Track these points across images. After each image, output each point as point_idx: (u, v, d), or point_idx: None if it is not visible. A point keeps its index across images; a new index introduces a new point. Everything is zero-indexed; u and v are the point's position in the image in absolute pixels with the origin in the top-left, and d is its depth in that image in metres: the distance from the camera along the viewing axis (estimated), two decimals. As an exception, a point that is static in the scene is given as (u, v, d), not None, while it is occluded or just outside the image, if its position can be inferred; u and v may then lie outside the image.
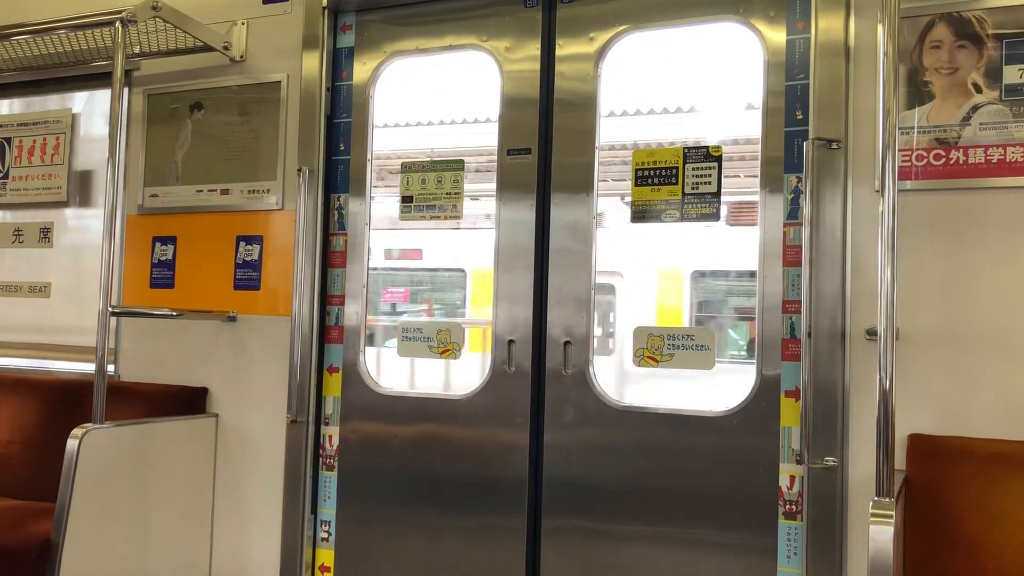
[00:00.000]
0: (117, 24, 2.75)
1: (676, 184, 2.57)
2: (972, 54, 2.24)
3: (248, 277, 3.08)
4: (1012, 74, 2.20)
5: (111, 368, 3.20)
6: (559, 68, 2.76)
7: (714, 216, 2.54)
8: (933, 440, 2.18)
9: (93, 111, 3.54)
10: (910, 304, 2.22)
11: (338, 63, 3.06)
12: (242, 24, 3.15)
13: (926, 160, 2.27)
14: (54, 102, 3.64)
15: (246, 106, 3.13)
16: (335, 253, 3.02)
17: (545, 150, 2.75)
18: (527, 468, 2.69)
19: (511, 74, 2.81)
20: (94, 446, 2.59)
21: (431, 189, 2.91)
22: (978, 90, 2.23)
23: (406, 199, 2.95)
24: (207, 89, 3.20)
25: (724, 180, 2.51)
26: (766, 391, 2.44)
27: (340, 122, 3.04)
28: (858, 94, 2.34)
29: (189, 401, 3.05)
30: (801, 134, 2.42)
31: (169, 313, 2.97)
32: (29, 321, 3.60)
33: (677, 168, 2.58)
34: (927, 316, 2.23)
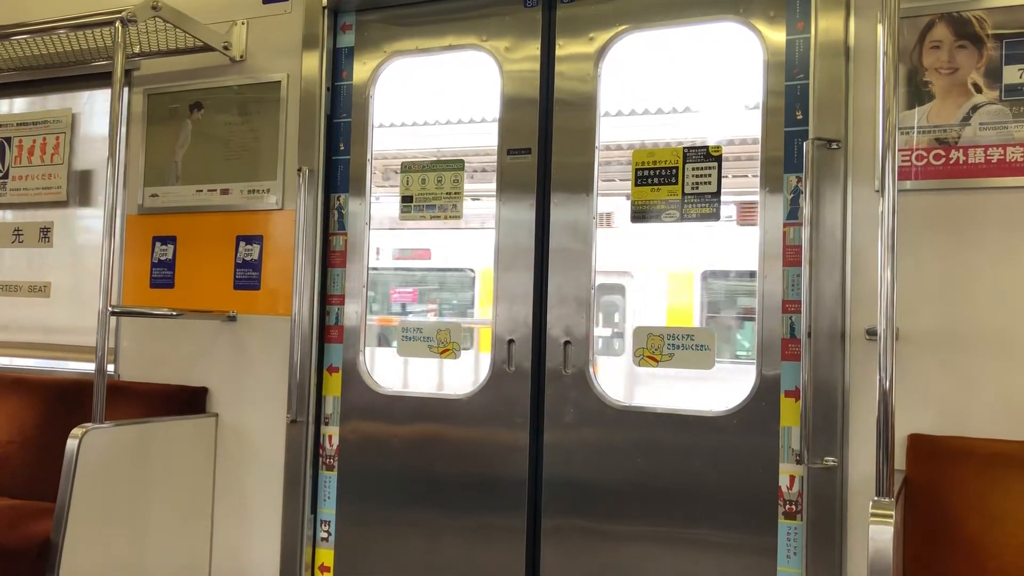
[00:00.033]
0: (117, 24, 2.75)
1: (676, 184, 2.58)
2: (972, 54, 2.24)
3: (248, 277, 3.08)
4: (1012, 74, 2.20)
5: (111, 368, 3.20)
6: (559, 68, 2.76)
7: (714, 216, 2.54)
8: (933, 440, 2.18)
9: (93, 111, 3.54)
10: (910, 304, 2.22)
11: (338, 63, 3.06)
12: (242, 24, 3.15)
13: (926, 160, 2.27)
14: (54, 102, 3.64)
15: (246, 106, 3.13)
16: (335, 253, 3.02)
17: (545, 150, 2.75)
18: (527, 468, 2.69)
19: (511, 74, 2.81)
20: (94, 446, 2.59)
21: (431, 189, 2.91)
22: (978, 90, 2.23)
23: (406, 199, 2.95)
24: (207, 89, 3.20)
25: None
26: (766, 391, 2.45)
27: (340, 122, 3.04)
28: (858, 94, 2.34)
29: (189, 401, 3.05)
30: (801, 134, 2.42)
31: (169, 313, 2.97)
32: (29, 321, 3.60)
33: (677, 168, 2.58)
34: (927, 316, 2.23)
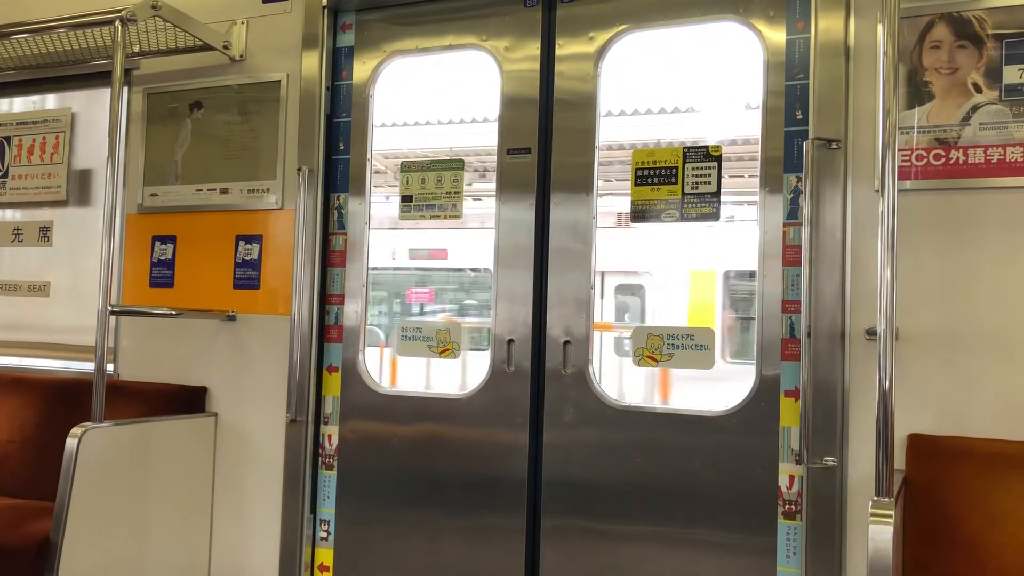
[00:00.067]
0: (117, 23, 2.75)
1: (676, 184, 2.57)
2: (972, 54, 2.24)
3: (248, 276, 3.08)
4: (1012, 74, 2.20)
5: (110, 367, 3.20)
6: (559, 68, 2.75)
7: (714, 216, 2.54)
8: (933, 440, 2.18)
9: (93, 110, 3.53)
10: (910, 304, 2.22)
11: (338, 62, 3.06)
12: (242, 23, 3.14)
13: (926, 160, 2.27)
14: (54, 101, 3.64)
15: (246, 105, 3.13)
16: (335, 252, 3.02)
17: (545, 150, 2.75)
18: (527, 468, 2.69)
19: (511, 74, 2.81)
20: (93, 445, 2.58)
21: (431, 188, 2.91)
22: (978, 90, 2.23)
23: (406, 199, 2.95)
24: (207, 88, 3.20)
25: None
26: (765, 391, 2.44)
27: (340, 121, 3.04)
28: (858, 94, 2.34)
29: (188, 400, 3.05)
30: (801, 134, 2.42)
31: (168, 312, 2.97)
32: (28, 320, 3.60)
33: (677, 168, 2.58)
34: (927, 316, 2.23)
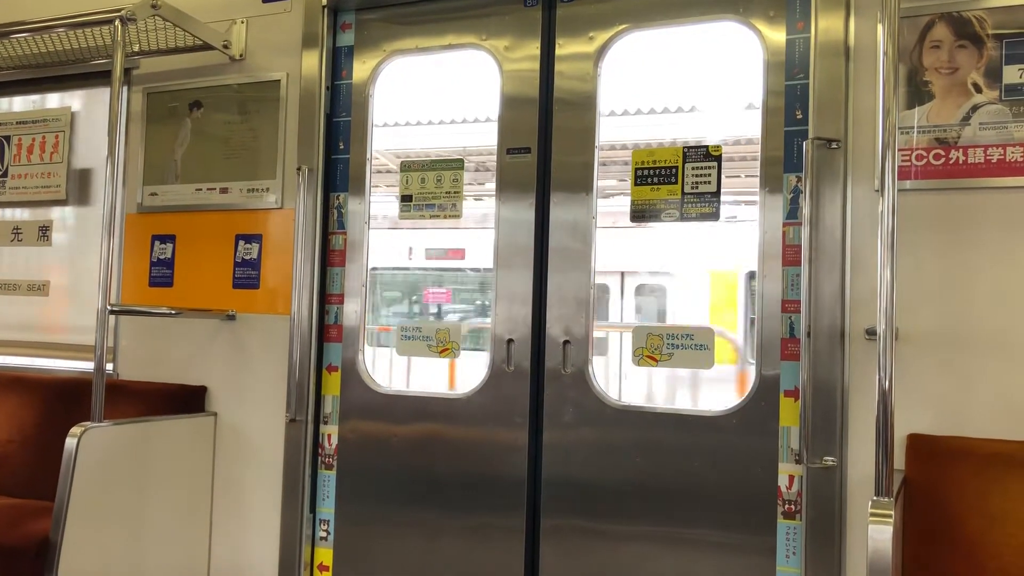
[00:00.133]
0: (116, 22, 2.75)
1: (676, 184, 2.57)
2: (972, 54, 2.24)
3: (247, 276, 3.08)
4: (1012, 74, 2.20)
5: (110, 366, 3.20)
6: (559, 67, 2.75)
7: (714, 216, 2.54)
8: (932, 440, 2.18)
9: (92, 109, 3.53)
10: (909, 304, 2.22)
11: (338, 62, 3.06)
12: (241, 23, 3.14)
13: (926, 160, 2.27)
14: (53, 100, 3.64)
15: (245, 105, 3.13)
16: (334, 252, 3.02)
17: (545, 149, 2.75)
18: (526, 467, 2.69)
19: (511, 73, 2.81)
20: (93, 445, 2.58)
21: (431, 188, 2.91)
22: (978, 90, 2.23)
23: (405, 198, 2.95)
24: (206, 88, 3.20)
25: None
26: (765, 391, 2.44)
27: (339, 121, 3.03)
28: (858, 94, 2.34)
29: (188, 400, 3.05)
30: (801, 134, 2.42)
31: (168, 311, 2.97)
32: (28, 319, 3.60)
33: (677, 167, 2.58)
34: (926, 316, 2.23)
